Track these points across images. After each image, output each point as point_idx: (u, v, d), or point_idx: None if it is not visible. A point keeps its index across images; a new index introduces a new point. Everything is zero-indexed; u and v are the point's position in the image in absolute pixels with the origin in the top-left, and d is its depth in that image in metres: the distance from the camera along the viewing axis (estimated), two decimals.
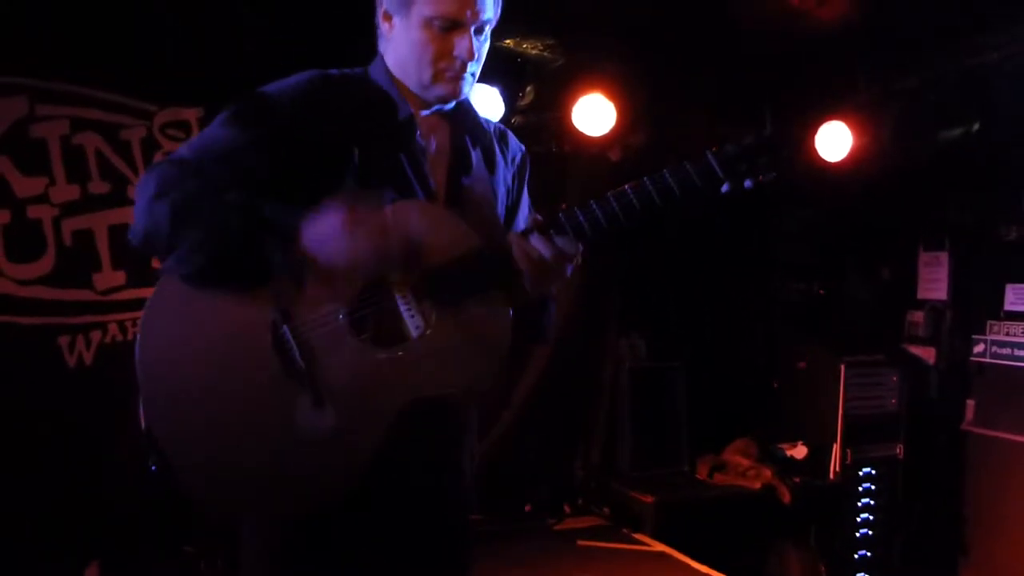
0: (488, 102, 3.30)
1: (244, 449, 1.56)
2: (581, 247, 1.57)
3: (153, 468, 1.55)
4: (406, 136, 1.68)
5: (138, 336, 1.60)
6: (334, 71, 1.71)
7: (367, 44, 1.78)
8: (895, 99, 3.89)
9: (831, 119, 3.89)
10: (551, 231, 1.55)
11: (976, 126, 3.81)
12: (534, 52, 3.46)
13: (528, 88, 3.60)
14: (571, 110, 3.64)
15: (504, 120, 3.38)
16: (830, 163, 3.89)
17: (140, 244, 1.57)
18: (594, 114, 3.63)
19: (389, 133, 1.67)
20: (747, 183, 1.52)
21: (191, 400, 1.56)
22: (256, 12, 3.16)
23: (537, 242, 1.54)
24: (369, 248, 1.49)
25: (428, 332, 1.55)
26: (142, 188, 1.55)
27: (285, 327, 1.55)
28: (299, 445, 1.54)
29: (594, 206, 1.55)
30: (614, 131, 3.69)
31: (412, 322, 1.56)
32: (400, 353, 1.55)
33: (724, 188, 1.52)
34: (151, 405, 1.56)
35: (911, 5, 3.15)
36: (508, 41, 3.34)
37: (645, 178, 1.54)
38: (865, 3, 3.13)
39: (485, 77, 1.90)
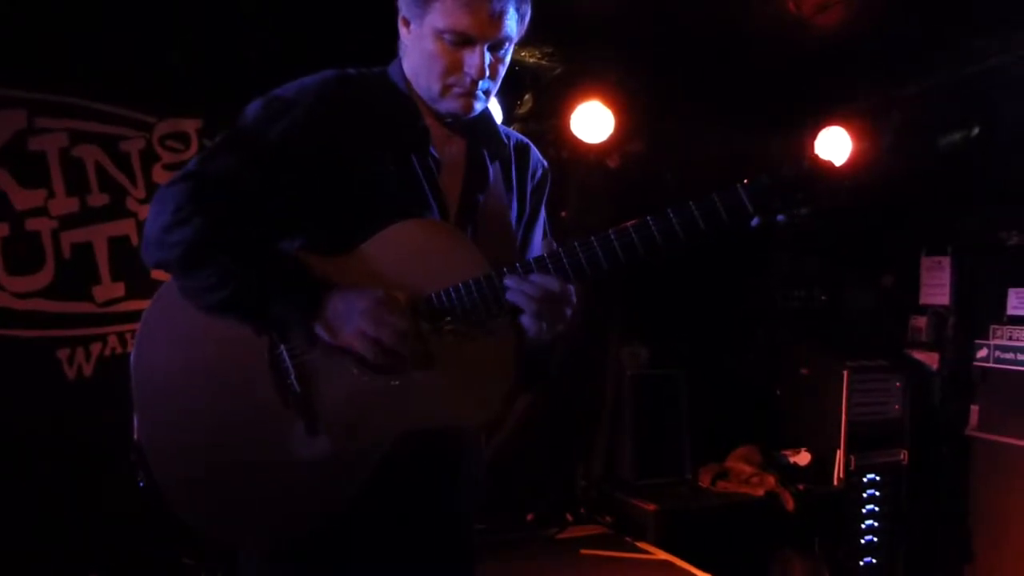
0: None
1: (231, 470, 1.53)
2: (571, 289, 1.49)
3: (141, 484, 1.53)
4: (421, 146, 1.62)
5: (134, 348, 1.59)
6: (352, 70, 1.65)
7: (371, 53, 1.76)
8: (895, 104, 3.89)
9: (831, 125, 3.88)
10: (565, 263, 1.46)
11: (976, 131, 3.80)
12: (532, 60, 3.46)
13: (526, 96, 3.60)
14: (569, 118, 3.64)
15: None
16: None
17: (152, 266, 1.54)
18: (592, 122, 3.64)
19: (404, 141, 1.61)
20: (780, 217, 1.42)
21: (182, 418, 1.54)
22: (255, 22, 3.15)
23: (540, 280, 1.47)
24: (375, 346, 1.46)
25: (429, 361, 1.49)
26: (155, 213, 1.50)
27: (283, 347, 1.51)
28: (288, 470, 1.51)
29: (613, 237, 1.46)
30: (612, 138, 3.70)
31: (413, 349, 1.48)
32: (398, 382, 1.49)
33: (754, 223, 1.43)
34: (143, 419, 1.55)
35: (911, 11, 3.15)
36: None
37: (668, 210, 1.44)
38: (864, 10, 3.12)
39: None
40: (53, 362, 3.11)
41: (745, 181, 1.42)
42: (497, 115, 3.36)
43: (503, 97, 3.37)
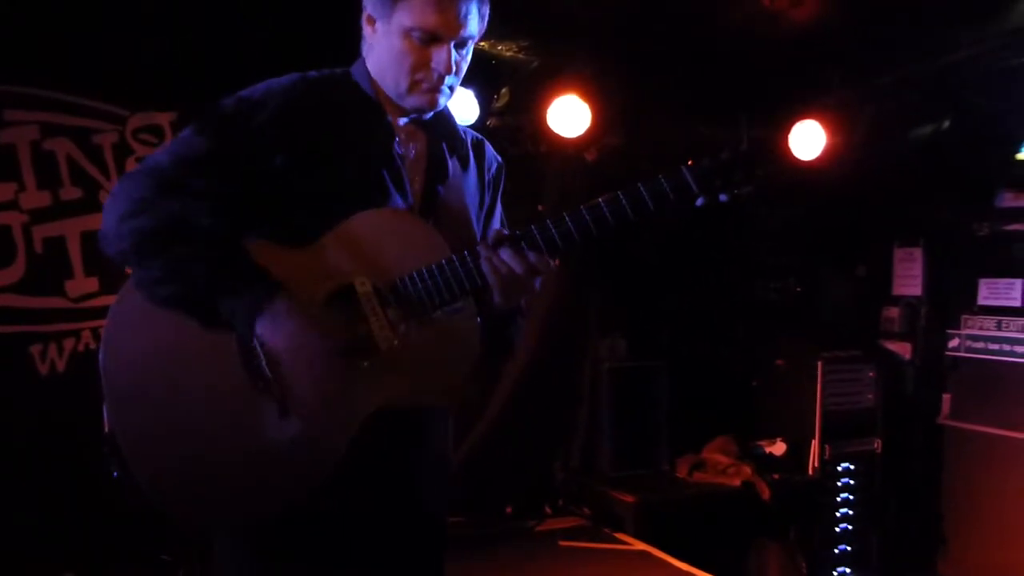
0: (463, 104, 3.30)
1: (206, 457, 1.54)
2: (553, 261, 1.56)
3: (115, 475, 1.53)
4: (386, 142, 1.68)
5: (103, 339, 1.59)
6: (314, 73, 1.69)
7: (341, 47, 1.77)
8: (868, 98, 3.93)
9: (804, 118, 3.91)
10: (522, 244, 1.54)
11: (946, 123, 3.85)
12: (509, 54, 3.45)
13: (503, 90, 3.60)
14: (546, 111, 3.63)
15: (479, 122, 3.38)
16: (804, 162, 3.92)
17: (110, 257, 1.57)
18: (569, 115, 3.63)
19: (369, 138, 1.66)
20: (722, 197, 1.52)
21: (154, 407, 1.55)
22: (228, 14, 3.13)
23: (507, 255, 1.53)
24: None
25: (395, 343, 1.54)
26: (112, 204, 1.54)
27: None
28: (262, 454, 1.53)
29: (567, 219, 1.54)
30: (589, 132, 3.69)
31: (380, 333, 1.54)
32: (366, 364, 1.54)
33: (699, 202, 1.53)
34: (114, 411, 1.55)
35: (883, 4, 3.18)
36: (483, 43, 3.33)
37: (619, 192, 1.53)
38: (837, 3, 3.15)
39: None
40: (26, 358, 3.07)
41: (689, 162, 1.53)
42: (472, 110, 3.38)
43: (479, 91, 3.37)
